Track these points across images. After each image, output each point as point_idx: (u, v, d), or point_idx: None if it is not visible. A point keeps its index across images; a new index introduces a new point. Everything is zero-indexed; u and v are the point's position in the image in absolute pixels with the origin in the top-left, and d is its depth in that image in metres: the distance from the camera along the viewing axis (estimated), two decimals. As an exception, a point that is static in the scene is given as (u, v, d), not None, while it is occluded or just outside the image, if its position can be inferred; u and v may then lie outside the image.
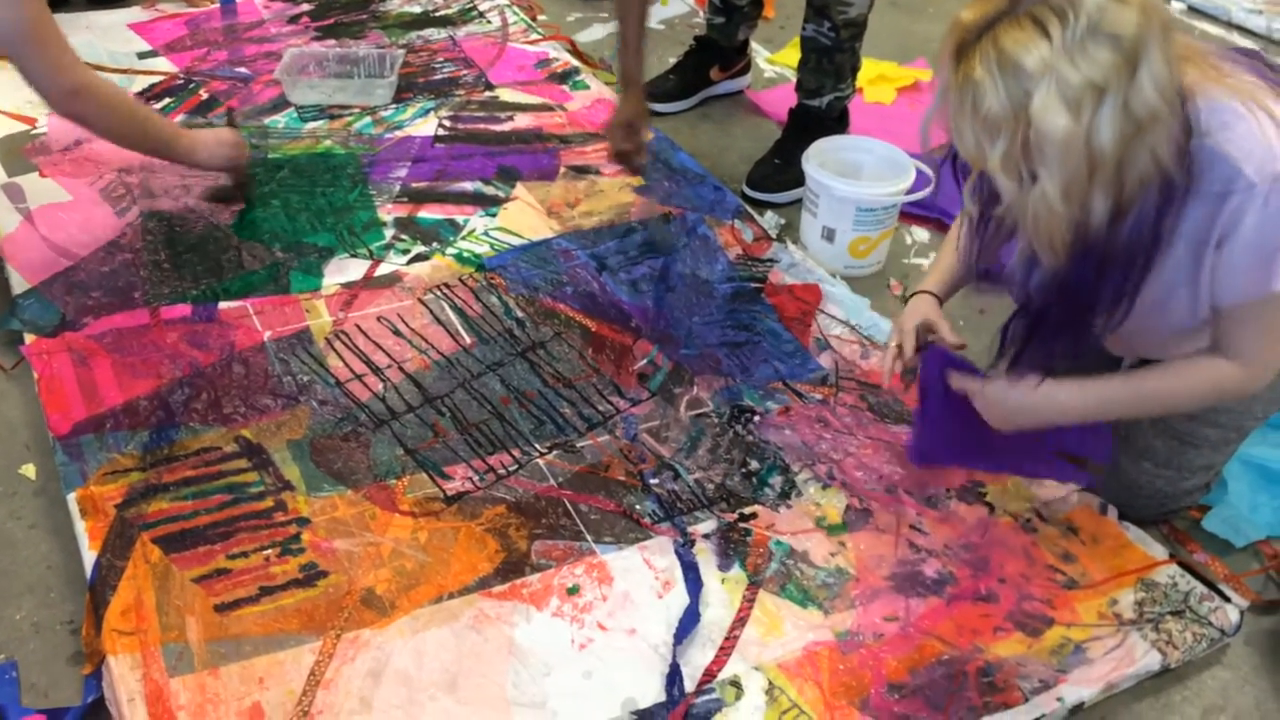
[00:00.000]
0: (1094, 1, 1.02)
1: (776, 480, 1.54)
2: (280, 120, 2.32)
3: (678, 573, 1.40)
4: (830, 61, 2.17)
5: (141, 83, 2.40)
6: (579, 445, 1.59)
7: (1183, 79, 1.11)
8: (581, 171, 2.20)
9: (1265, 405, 1.45)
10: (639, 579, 1.40)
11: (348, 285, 1.86)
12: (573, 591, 1.37)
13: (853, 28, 2.14)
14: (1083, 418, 1.35)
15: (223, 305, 1.79)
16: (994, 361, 1.33)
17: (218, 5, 2.76)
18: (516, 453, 1.57)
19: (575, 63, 2.61)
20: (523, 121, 2.36)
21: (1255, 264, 1.16)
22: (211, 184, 2.05)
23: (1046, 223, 1.10)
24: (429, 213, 2.06)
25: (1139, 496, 1.51)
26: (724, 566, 1.42)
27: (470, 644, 1.30)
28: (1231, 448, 1.49)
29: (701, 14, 2.73)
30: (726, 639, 1.33)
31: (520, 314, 1.82)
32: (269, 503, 1.46)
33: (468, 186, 2.14)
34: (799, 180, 2.11)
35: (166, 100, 2.35)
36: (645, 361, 1.74)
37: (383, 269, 1.90)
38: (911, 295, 1.52)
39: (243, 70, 2.49)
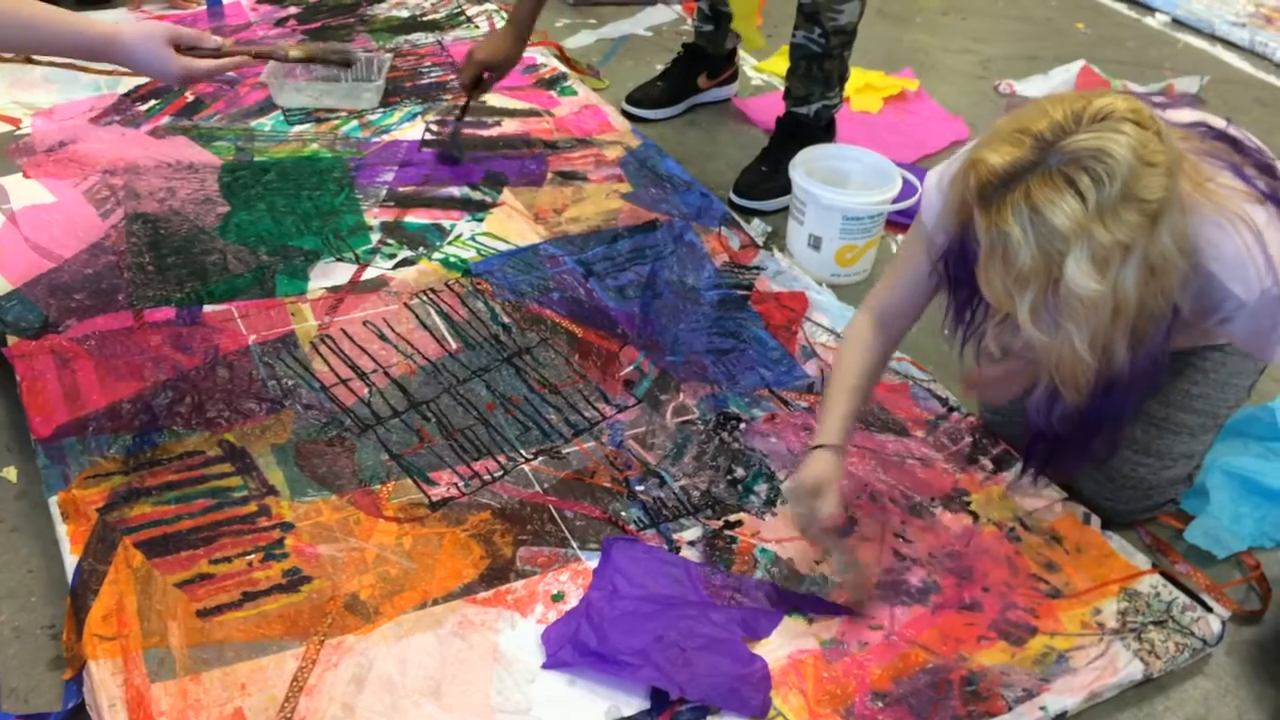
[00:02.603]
0: (1127, 166, 1.03)
1: (762, 487, 1.54)
2: (267, 123, 2.31)
3: (663, 580, 1.40)
4: (820, 69, 2.18)
5: (128, 84, 2.39)
6: (565, 451, 1.58)
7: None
8: (569, 177, 2.20)
9: (1237, 393, 1.49)
10: (624, 586, 1.39)
11: (333, 289, 1.85)
12: (558, 598, 1.37)
13: (842, 35, 2.14)
14: None
15: (207, 308, 1.78)
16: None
17: (204, 7, 2.75)
18: (502, 459, 1.56)
19: (563, 68, 2.61)
20: (510, 127, 2.35)
21: (1253, 346, 1.29)
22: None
23: (1071, 368, 1.13)
24: (415, 217, 2.05)
25: (1123, 487, 1.52)
26: (709, 574, 1.42)
27: (454, 650, 1.30)
28: (1210, 436, 1.52)
29: (690, 21, 2.74)
30: (711, 647, 1.33)
31: (506, 319, 1.82)
32: (252, 507, 1.46)
33: (454, 191, 2.13)
34: (786, 188, 2.11)
35: (152, 102, 2.34)
36: (631, 368, 1.74)
37: (369, 273, 1.90)
38: (815, 448, 1.38)
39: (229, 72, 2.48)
